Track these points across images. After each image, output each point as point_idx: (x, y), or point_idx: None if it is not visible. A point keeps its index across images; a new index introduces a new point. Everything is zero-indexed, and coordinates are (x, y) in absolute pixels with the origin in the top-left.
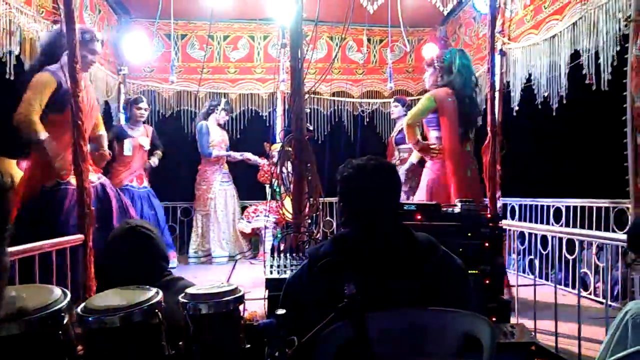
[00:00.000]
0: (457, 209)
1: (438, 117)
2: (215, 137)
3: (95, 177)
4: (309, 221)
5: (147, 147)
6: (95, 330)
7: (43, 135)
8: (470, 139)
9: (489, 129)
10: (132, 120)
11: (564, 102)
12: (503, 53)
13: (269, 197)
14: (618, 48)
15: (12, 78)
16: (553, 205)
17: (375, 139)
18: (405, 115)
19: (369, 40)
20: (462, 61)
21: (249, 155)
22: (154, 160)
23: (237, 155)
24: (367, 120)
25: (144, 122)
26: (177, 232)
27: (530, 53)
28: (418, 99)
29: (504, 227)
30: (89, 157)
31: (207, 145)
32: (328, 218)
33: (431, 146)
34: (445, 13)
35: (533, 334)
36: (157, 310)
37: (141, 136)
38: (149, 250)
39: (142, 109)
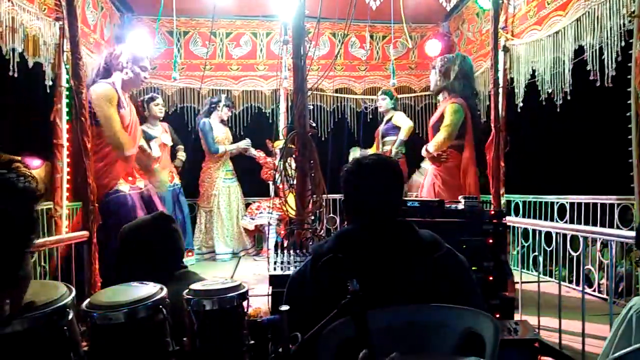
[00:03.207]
0: (460, 206)
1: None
2: (218, 134)
3: (142, 184)
4: (312, 218)
5: (170, 143)
6: (100, 326)
7: (128, 152)
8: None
9: (492, 125)
10: (150, 119)
11: (568, 98)
12: (506, 49)
13: (272, 194)
14: (622, 44)
15: (15, 75)
16: (557, 202)
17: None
18: (394, 108)
19: (371, 36)
20: (462, 67)
21: (248, 151)
22: (182, 155)
23: (237, 146)
24: (370, 116)
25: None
26: None
27: (533, 49)
28: (420, 96)
29: (508, 223)
30: (136, 165)
31: (213, 142)
32: (331, 215)
33: (439, 153)
34: (449, 9)
35: (537, 330)
36: (161, 306)
37: (162, 134)
38: (174, 235)
39: (159, 104)
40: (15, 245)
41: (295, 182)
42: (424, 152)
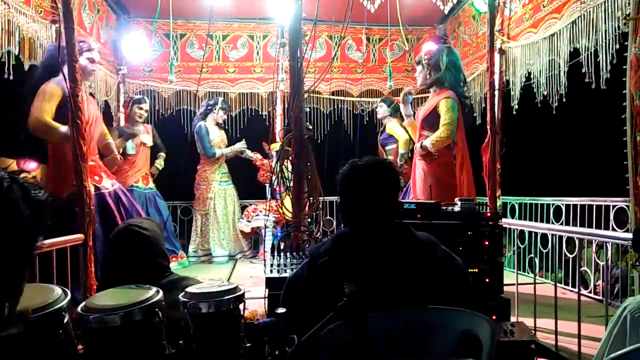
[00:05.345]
0: (457, 208)
1: None
2: (214, 137)
3: (110, 183)
4: (309, 220)
5: (150, 143)
6: (96, 329)
7: (64, 128)
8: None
9: (488, 127)
10: (130, 120)
11: (564, 100)
12: (502, 52)
13: (269, 196)
14: (617, 46)
15: (11, 78)
16: (553, 204)
17: (375, 137)
18: (390, 115)
19: (368, 39)
20: (450, 58)
21: (244, 153)
22: (160, 163)
23: (232, 149)
24: (367, 119)
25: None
26: (177, 232)
27: (529, 51)
28: (417, 98)
29: (504, 225)
30: (103, 162)
31: (210, 146)
32: (328, 217)
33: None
34: (445, 12)
35: (533, 332)
36: (157, 310)
37: (143, 134)
38: (142, 249)
39: (142, 109)
40: (24, 253)
41: (291, 184)
42: (418, 148)
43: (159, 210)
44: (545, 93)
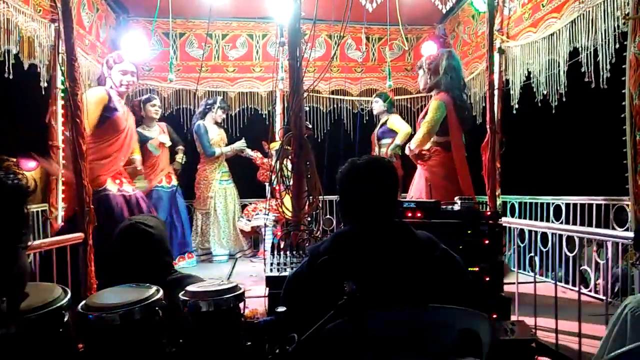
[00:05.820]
0: (456, 207)
1: (444, 121)
2: (213, 136)
3: (130, 188)
4: (309, 219)
5: (169, 143)
6: (96, 327)
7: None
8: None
9: (488, 127)
10: (146, 120)
11: (563, 99)
12: (502, 51)
13: (268, 195)
14: (617, 46)
15: (10, 77)
16: (553, 203)
17: None
18: (386, 110)
19: (367, 38)
20: (449, 62)
21: (244, 152)
22: (180, 157)
23: (232, 148)
24: (367, 118)
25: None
26: None
27: (529, 51)
28: (416, 97)
29: (503, 224)
30: (124, 170)
31: (209, 145)
32: (328, 216)
33: (423, 152)
34: (444, 11)
35: (533, 331)
36: (157, 308)
37: (160, 134)
38: (147, 247)
39: (156, 105)
40: (5, 241)
41: (291, 183)
42: (407, 151)
43: (178, 208)
44: (544, 92)
